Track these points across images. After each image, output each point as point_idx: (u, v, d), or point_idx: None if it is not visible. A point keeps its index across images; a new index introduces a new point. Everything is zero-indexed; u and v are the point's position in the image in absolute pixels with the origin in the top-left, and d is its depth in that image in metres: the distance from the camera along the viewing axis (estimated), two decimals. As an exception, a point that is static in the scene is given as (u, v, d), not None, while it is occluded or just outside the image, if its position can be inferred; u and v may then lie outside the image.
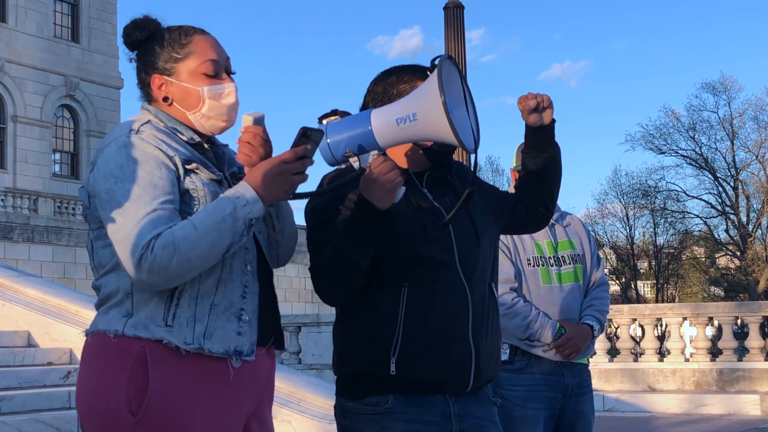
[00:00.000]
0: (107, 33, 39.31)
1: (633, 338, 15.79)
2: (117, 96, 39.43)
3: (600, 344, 13.67)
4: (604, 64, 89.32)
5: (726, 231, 50.68)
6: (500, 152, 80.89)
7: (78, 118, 38.05)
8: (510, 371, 4.07)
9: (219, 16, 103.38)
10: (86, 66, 38.08)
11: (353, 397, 2.73)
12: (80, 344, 2.51)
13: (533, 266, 4.19)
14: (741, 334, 22.82)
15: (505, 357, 4.06)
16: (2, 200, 28.24)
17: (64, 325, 7.95)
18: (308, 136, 2.39)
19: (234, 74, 2.58)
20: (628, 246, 52.85)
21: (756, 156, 47.85)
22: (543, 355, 4.10)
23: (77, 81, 37.52)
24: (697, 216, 50.79)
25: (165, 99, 2.52)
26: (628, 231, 52.72)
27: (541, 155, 2.89)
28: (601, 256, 4.55)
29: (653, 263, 54.75)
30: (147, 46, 2.54)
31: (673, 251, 53.05)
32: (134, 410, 2.31)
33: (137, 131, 2.41)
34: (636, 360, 13.86)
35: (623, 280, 53.75)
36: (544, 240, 4.24)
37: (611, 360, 13.93)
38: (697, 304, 15.72)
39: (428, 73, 2.50)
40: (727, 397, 12.39)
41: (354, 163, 2.53)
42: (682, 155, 49.34)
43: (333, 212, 2.67)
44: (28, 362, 7.67)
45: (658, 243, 53.20)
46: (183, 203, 2.38)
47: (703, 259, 55.69)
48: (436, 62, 2.47)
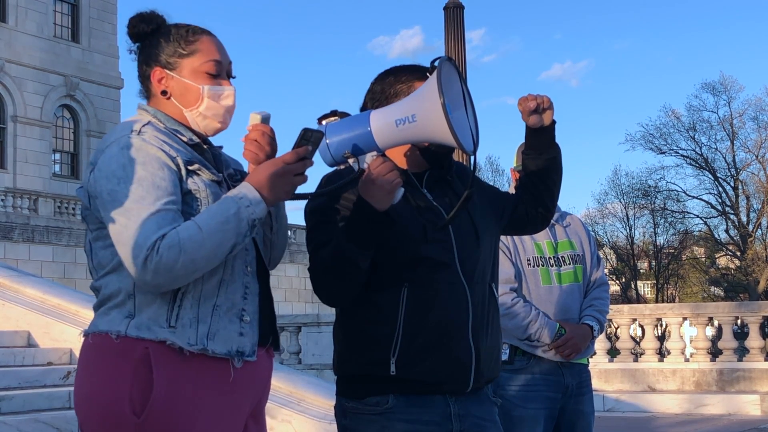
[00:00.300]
0: (107, 33, 39.33)
1: (633, 338, 15.79)
2: (117, 96, 39.44)
3: (600, 344, 13.67)
4: (605, 64, 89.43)
5: (726, 231, 50.77)
6: (500, 152, 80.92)
7: (78, 118, 38.05)
8: (510, 371, 4.07)
9: (219, 16, 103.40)
10: (86, 66, 38.09)
11: (353, 397, 2.73)
12: (80, 344, 2.50)
13: (533, 266, 4.19)
14: (741, 334, 22.82)
15: (505, 357, 4.07)
16: (2, 200, 28.23)
17: (64, 325, 7.95)
18: (309, 138, 2.39)
19: (233, 78, 2.59)
20: (628, 246, 52.87)
21: (756, 156, 47.91)
22: (543, 356, 4.10)
23: (77, 81, 37.53)
24: (697, 216, 50.89)
25: (163, 93, 2.52)
26: (628, 231, 52.79)
27: (542, 156, 2.89)
28: (601, 256, 4.55)
29: (653, 263, 54.76)
30: (152, 39, 2.54)
31: (673, 251, 53.07)
32: (137, 411, 2.31)
33: (139, 132, 2.41)
34: (636, 360, 13.86)
35: (623, 280, 53.76)
36: (544, 240, 4.24)
37: (611, 360, 13.92)
38: (697, 304, 15.72)
39: (428, 75, 2.51)
40: (727, 397, 12.38)
41: (353, 164, 2.53)
42: (682, 155, 49.41)
43: (332, 212, 2.67)
44: (28, 362, 7.67)
45: (658, 243, 53.25)
46: (185, 204, 2.38)
47: (703, 259, 55.70)
48: (436, 63, 2.48)
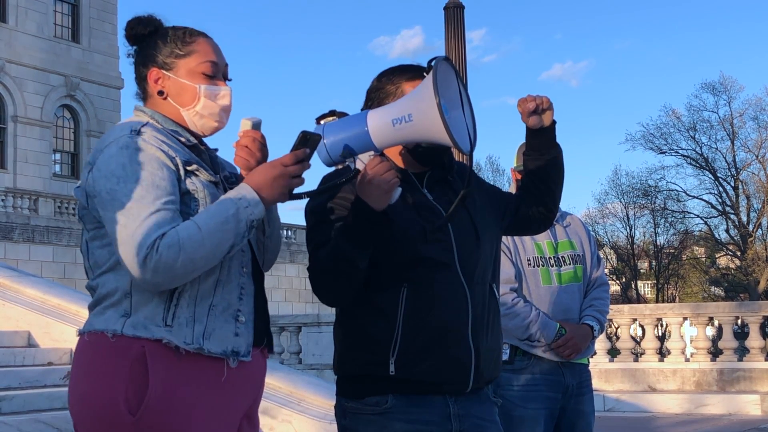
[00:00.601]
0: (107, 33, 39.32)
1: (633, 338, 15.78)
2: (117, 96, 39.43)
3: (600, 344, 13.67)
4: (605, 65, 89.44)
5: (726, 231, 50.77)
6: (500, 152, 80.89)
7: (78, 118, 38.05)
8: (510, 371, 4.07)
9: (220, 16, 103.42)
10: (86, 66, 38.09)
11: (353, 397, 2.73)
12: (77, 344, 2.51)
13: (533, 266, 4.19)
14: (741, 334, 22.81)
15: (506, 357, 4.07)
16: (2, 200, 28.22)
17: (65, 325, 7.94)
18: (307, 140, 2.41)
19: (230, 81, 2.61)
20: (629, 246, 52.86)
21: (756, 156, 47.91)
22: (543, 356, 4.10)
23: (77, 81, 37.53)
24: (698, 216, 50.88)
25: (160, 93, 2.55)
26: (629, 231, 52.78)
27: (542, 157, 2.88)
28: (602, 256, 4.55)
29: (653, 263, 54.76)
30: (149, 41, 2.57)
31: (674, 251, 53.07)
32: (133, 410, 2.32)
33: (138, 132, 2.43)
34: (636, 360, 13.85)
35: (623, 280, 53.74)
36: (545, 240, 4.24)
37: (611, 360, 13.92)
38: (698, 304, 15.71)
39: (424, 74, 2.51)
40: (728, 397, 12.38)
41: (351, 164, 2.54)
42: (683, 155, 49.41)
43: (332, 212, 2.68)
44: (29, 362, 7.66)
45: (659, 243, 53.25)
46: (183, 204, 2.40)
47: (704, 259, 55.69)
48: (433, 63, 2.48)
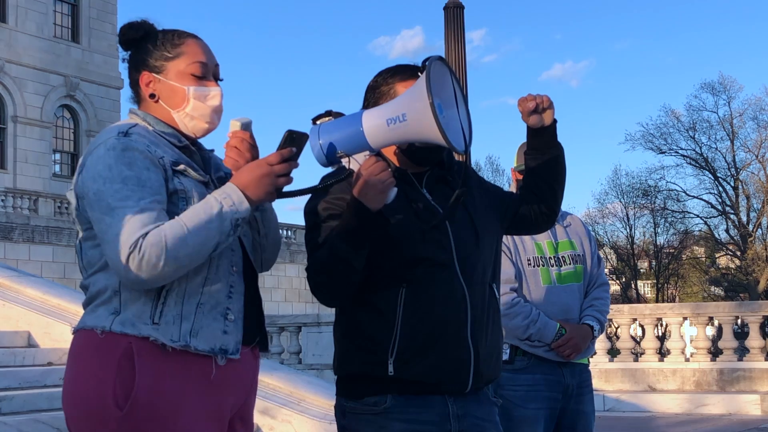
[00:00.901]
0: (107, 33, 39.31)
1: (633, 338, 15.78)
2: (117, 96, 39.43)
3: (600, 344, 13.67)
4: (605, 65, 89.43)
5: (726, 231, 50.76)
6: (500, 152, 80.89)
7: (78, 118, 38.06)
8: (510, 371, 4.07)
9: (219, 16, 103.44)
10: (86, 66, 38.09)
11: (352, 397, 2.73)
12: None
13: (533, 266, 4.19)
14: (741, 334, 22.81)
15: (506, 357, 4.07)
16: (2, 200, 28.22)
17: (65, 326, 7.94)
18: (294, 139, 2.43)
19: (221, 81, 2.64)
20: (629, 246, 52.85)
21: (756, 156, 47.91)
22: (543, 356, 4.10)
23: (77, 81, 37.54)
24: (698, 216, 50.89)
25: (152, 96, 2.58)
26: (629, 231, 52.77)
27: (544, 156, 2.88)
28: (602, 256, 4.54)
29: (653, 263, 54.74)
30: (141, 45, 2.61)
31: (674, 251, 53.05)
32: (121, 404, 2.35)
33: (126, 133, 2.46)
34: (636, 360, 13.86)
35: (623, 280, 53.74)
36: (545, 240, 4.24)
37: (611, 360, 13.92)
38: (698, 304, 15.71)
39: (419, 74, 2.51)
40: (728, 397, 12.38)
41: (346, 164, 2.54)
42: (682, 155, 49.42)
43: (330, 213, 2.67)
44: (29, 362, 7.67)
45: (659, 243, 53.25)
46: (171, 204, 2.43)
47: (704, 259, 55.68)
48: (427, 63, 2.48)
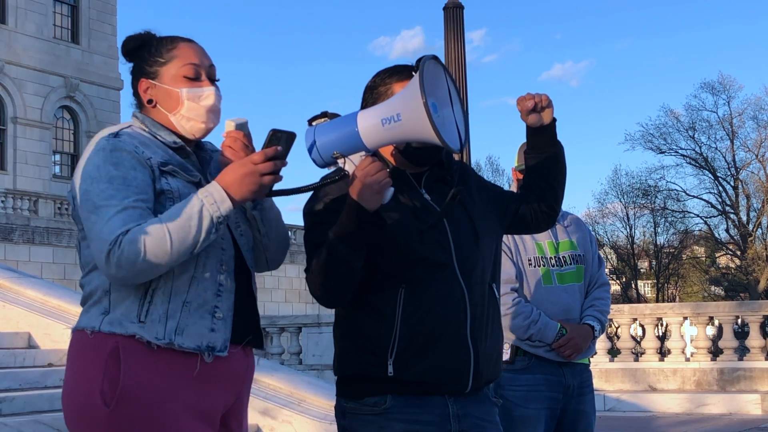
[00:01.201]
0: (107, 34, 39.32)
1: (633, 338, 15.79)
2: (117, 97, 39.44)
3: (600, 344, 13.67)
4: (605, 65, 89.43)
5: (726, 230, 50.74)
6: (501, 153, 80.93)
7: (78, 119, 38.06)
8: (511, 371, 4.07)
9: (220, 16, 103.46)
10: (86, 67, 38.09)
11: (352, 398, 2.74)
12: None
13: (534, 266, 4.19)
14: (741, 334, 22.82)
15: (507, 357, 4.07)
16: (2, 201, 28.22)
17: (65, 327, 7.92)
18: (278, 138, 2.45)
19: (218, 81, 2.68)
20: (629, 246, 52.84)
21: (756, 155, 47.90)
22: (544, 356, 4.10)
23: (77, 82, 37.54)
24: (698, 215, 50.86)
25: (149, 101, 2.65)
26: (629, 230, 52.76)
27: (543, 155, 2.87)
28: (602, 256, 4.54)
29: (653, 263, 54.74)
30: (139, 54, 2.68)
31: (674, 251, 53.04)
32: (108, 402, 2.42)
33: (116, 135, 2.53)
34: (636, 360, 13.85)
35: (624, 280, 53.73)
36: (545, 240, 4.23)
37: (612, 360, 13.92)
38: (698, 304, 15.71)
39: (413, 73, 2.51)
40: (728, 397, 12.38)
41: (342, 165, 2.54)
42: (682, 155, 49.41)
43: (329, 214, 2.68)
44: (29, 363, 7.66)
45: (659, 242, 53.24)
46: (159, 204, 2.49)
47: (704, 259, 55.68)
48: (421, 62, 2.48)
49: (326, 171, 2.66)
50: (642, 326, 15.34)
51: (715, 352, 13.97)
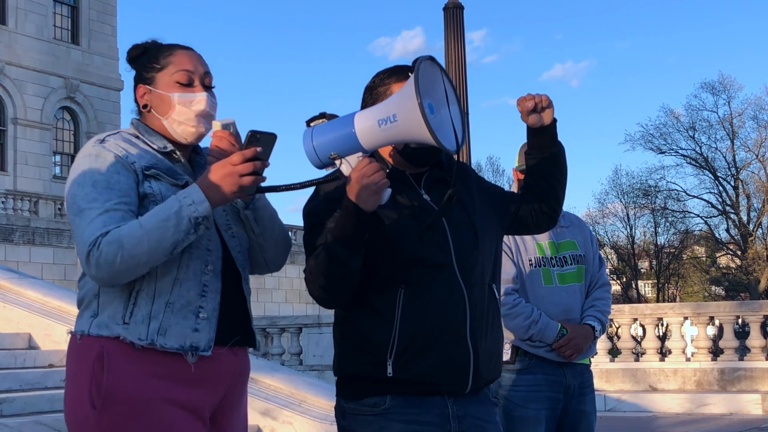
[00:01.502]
0: (107, 35, 39.33)
1: (634, 338, 15.79)
2: (117, 98, 39.44)
3: (601, 344, 13.67)
4: (606, 65, 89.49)
5: (727, 230, 50.74)
6: (501, 153, 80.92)
7: (78, 120, 38.07)
8: (512, 372, 4.07)
9: (220, 17, 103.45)
10: (86, 68, 38.10)
11: (352, 398, 2.73)
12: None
13: (535, 267, 4.18)
14: (742, 334, 22.79)
15: (507, 357, 4.06)
16: (3, 202, 28.22)
17: (65, 327, 7.92)
18: (257, 139, 2.47)
19: (213, 88, 2.73)
20: (629, 246, 52.83)
21: (756, 155, 47.91)
22: (545, 356, 4.09)
23: (77, 83, 37.55)
24: (698, 215, 50.85)
25: (144, 107, 2.71)
26: (629, 230, 52.75)
27: (544, 155, 2.86)
28: (603, 256, 4.54)
29: (654, 263, 54.72)
30: (139, 61, 2.75)
31: (674, 251, 53.03)
32: (96, 404, 2.47)
33: (102, 140, 2.61)
34: (637, 360, 13.85)
35: (624, 280, 53.71)
36: (546, 240, 4.23)
37: (612, 360, 13.92)
38: (698, 304, 15.71)
39: (410, 74, 2.51)
40: (729, 397, 12.38)
41: (339, 165, 2.54)
42: (682, 155, 49.41)
43: (328, 215, 2.68)
44: (29, 364, 7.66)
45: (659, 242, 53.21)
46: (143, 207, 2.54)
47: (704, 259, 55.66)
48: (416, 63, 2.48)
49: (325, 172, 2.66)
50: (642, 326, 15.34)
51: (716, 352, 13.97)
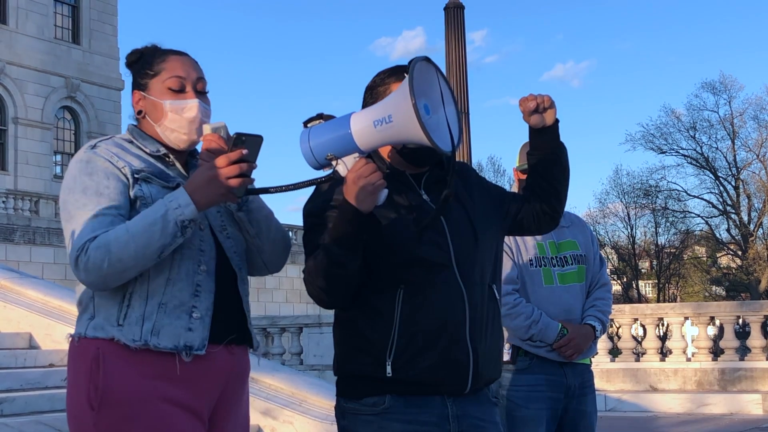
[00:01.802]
0: (108, 34, 39.34)
1: (634, 338, 15.78)
2: (118, 97, 39.45)
3: (602, 344, 13.67)
4: (607, 65, 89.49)
5: (727, 230, 50.72)
6: (502, 153, 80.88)
7: (79, 120, 38.07)
8: (512, 372, 4.07)
9: (220, 17, 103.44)
10: (87, 67, 38.11)
11: (352, 398, 2.74)
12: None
13: (535, 267, 4.18)
14: (743, 334, 22.76)
15: (508, 357, 4.06)
16: (3, 202, 28.23)
17: (66, 327, 7.93)
18: (243, 141, 2.47)
19: (207, 93, 2.74)
20: (630, 246, 52.83)
21: (757, 155, 47.90)
22: (545, 356, 4.09)
23: (78, 82, 37.56)
24: (699, 215, 50.84)
25: (139, 113, 2.76)
26: (630, 230, 52.75)
27: (546, 156, 2.85)
28: (603, 256, 4.53)
29: (654, 263, 54.71)
30: (135, 66, 2.77)
31: (675, 251, 53.03)
32: (94, 405, 2.50)
33: (93, 146, 2.65)
34: (638, 360, 13.85)
35: (625, 280, 53.70)
36: (547, 240, 4.23)
37: (613, 360, 13.92)
38: (699, 304, 15.70)
39: (405, 75, 2.50)
40: (729, 397, 12.38)
41: (336, 166, 2.54)
42: (683, 155, 49.40)
43: (327, 215, 2.68)
44: (30, 364, 7.67)
45: (660, 242, 53.22)
46: (134, 210, 2.57)
47: (705, 259, 55.66)
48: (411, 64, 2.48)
49: (322, 173, 2.66)
50: (643, 326, 15.34)
51: (716, 352, 13.97)
